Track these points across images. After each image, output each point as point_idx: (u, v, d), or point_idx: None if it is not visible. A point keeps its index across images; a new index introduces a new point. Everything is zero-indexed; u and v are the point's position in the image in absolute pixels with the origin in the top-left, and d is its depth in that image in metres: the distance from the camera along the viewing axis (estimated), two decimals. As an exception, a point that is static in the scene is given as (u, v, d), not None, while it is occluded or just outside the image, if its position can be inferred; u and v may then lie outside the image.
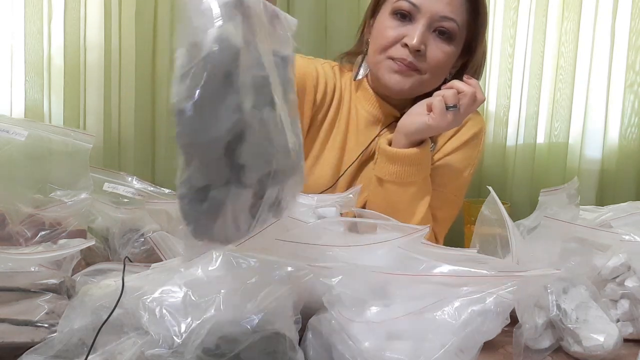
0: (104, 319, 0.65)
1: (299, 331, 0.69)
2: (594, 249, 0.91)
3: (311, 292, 0.70)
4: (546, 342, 0.83)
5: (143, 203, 1.01)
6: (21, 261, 0.82)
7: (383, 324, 0.67)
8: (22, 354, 0.65)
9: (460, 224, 1.34)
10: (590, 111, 1.78)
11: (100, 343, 0.64)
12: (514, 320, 0.76)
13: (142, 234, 1.01)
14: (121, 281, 0.69)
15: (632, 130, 1.79)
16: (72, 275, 0.87)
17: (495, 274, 0.73)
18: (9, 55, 1.60)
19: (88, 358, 0.63)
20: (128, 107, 1.68)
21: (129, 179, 1.09)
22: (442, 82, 1.22)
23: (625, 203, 1.07)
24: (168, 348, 0.62)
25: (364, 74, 1.27)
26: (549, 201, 1.00)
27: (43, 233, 0.98)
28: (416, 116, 1.13)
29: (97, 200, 1.02)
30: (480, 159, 1.32)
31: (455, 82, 1.11)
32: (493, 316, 0.67)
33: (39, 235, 0.97)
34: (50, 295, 0.74)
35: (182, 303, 0.65)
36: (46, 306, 0.72)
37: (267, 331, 0.64)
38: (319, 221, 0.93)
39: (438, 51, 1.16)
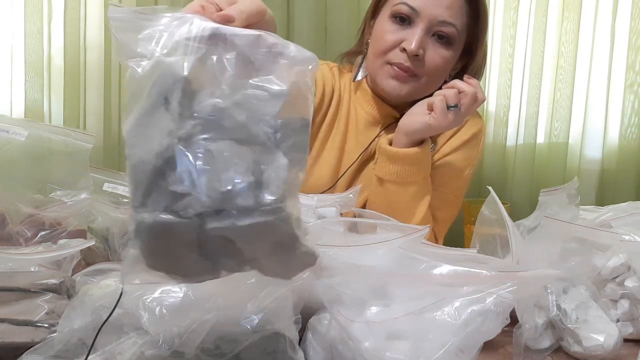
0: (104, 319, 0.65)
1: (299, 331, 0.69)
2: (594, 249, 0.91)
3: (311, 292, 0.70)
4: (546, 342, 0.83)
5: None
6: (21, 261, 0.82)
7: (383, 324, 0.67)
8: (22, 354, 0.65)
9: (460, 224, 1.34)
10: (590, 111, 1.78)
11: (100, 343, 0.64)
12: (514, 320, 0.76)
13: (142, 234, 1.00)
14: (121, 281, 0.69)
15: (632, 130, 1.79)
16: (72, 275, 0.87)
17: (495, 274, 0.74)
18: (9, 55, 1.60)
19: (88, 358, 0.63)
20: (128, 107, 1.68)
21: (129, 179, 1.08)
22: (442, 84, 1.22)
23: (625, 203, 1.07)
24: (168, 348, 0.62)
25: (363, 76, 1.27)
26: (549, 201, 1.00)
27: (43, 233, 0.98)
28: (417, 116, 1.13)
29: (97, 200, 1.02)
30: (479, 159, 1.32)
31: (456, 82, 1.11)
32: (493, 316, 0.67)
33: (39, 235, 0.97)
34: (50, 295, 0.74)
35: (182, 303, 0.65)
36: (46, 306, 0.72)
37: (267, 331, 0.64)
38: (319, 221, 0.93)
39: (436, 56, 1.16)
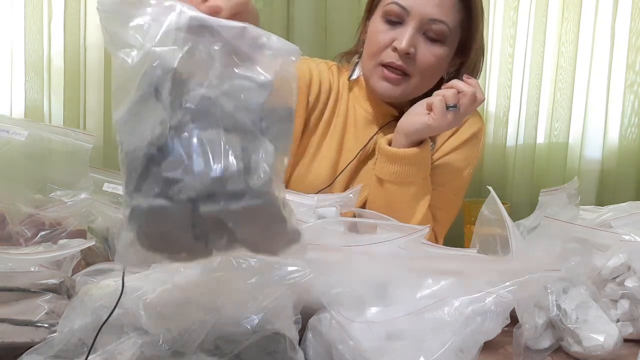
0: (104, 319, 0.65)
1: (299, 331, 0.69)
2: (594, 249, 0.91)
3: (311, 292, 0.70)
4: (546, 342, 0.83)
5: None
6: (21, 261, 0.82)
7: (383, 324, 0.67)
8: (22, 354, 0.65)
9: (460, 224, 1.34)
10: (590, 111, 1.78)
11: (100, 343, 0.64)
12: (514, 320, 0.76)
13: (142, 234, 1.00)
14: (121, 281, 0.69)
15: (632, 130, 1.79)
16: (72, 275, 0.87)
17: (494, 260, 0.74)
18: (9, 55, 1.60)
19: (88, 358, 0.63)
20: (128, 107, 1.68)
21: (129, 179, 1.08)
22: (440, 82, 1.22)
23: (625, 203, 1.07)
24: (168, 348, 0.62)
25: (358, 75, 1.27)
26: (549, 201, 1.00)
27: (43, 233, 0.97)
28: (416, 116, 1.13)
29: (97, 200, 1.02)
30: (479, 159, 1.32)
31: (455, 82, 1.11)
32: (493, 316, 0.67)
33: (39, 235, 0.97)
34: (50, 295, 0.74)
35: (182, 303, 0.65)
36: (46, 306, 0.72)
37: (267, 331, 0.64)
38: (319, 221, 0.93)
39: (428, 54, 1.16)
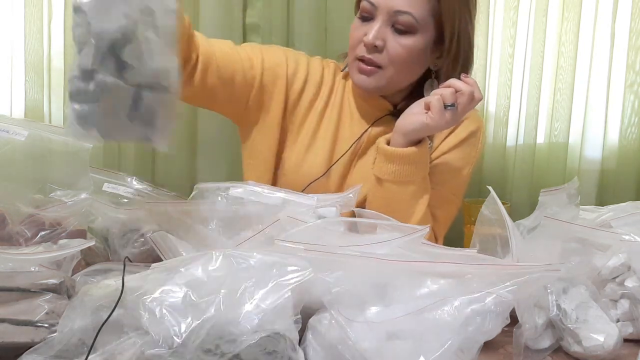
0: (104, 319, 0.65)
1: (299, 331, 0.69)
2: (594, 249, 0.91)
3: (311, 292, 0.70)
4: (546, 342, 0.83)
5: (143, 203, 1.01)
6: (21, 261, 0.82)
7: (383, 324, 0.67)
8: (22, 354, 0.65)
9: (460, 224, 1.34)
10: (590, 111, 1.78)
11: (100, 343, 0.64)
12: (514, 320, 0.76)
13: (142, 234, 1.01)
14: (121, 281, 0.69)
15: (632, 130, 1.78)
16: (72, 275, 0.88)
17: (496, 264, 0.74)
18: (9, 55, 1.60)
19: (88, 358, 0.63)
20: (128, 107, 1.68)
21: (129, 179, 1.09)
22: (428, 73, 1.24)
23: (625, 203, 1.07)
24: (168, 348, 0.62)
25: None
26: (549, 201, 1.00)
27: (43, 233, 0.98)
28: (414, 115, 1.13)
29: (97, 200, 1.02)
30: (478, 158, 1.32)
31: (453, 81, 1.11)
32: (493, 316, 0.68)
33: (39, 235, 0.97)
34: (50, 295, 0.74)
35: (182, 303, 0.65)
36: (46, 306, 0.72)
37: (267, 331, 0.64)
38: (319, 221, 0.94)
39: (397, 45, 1.18)
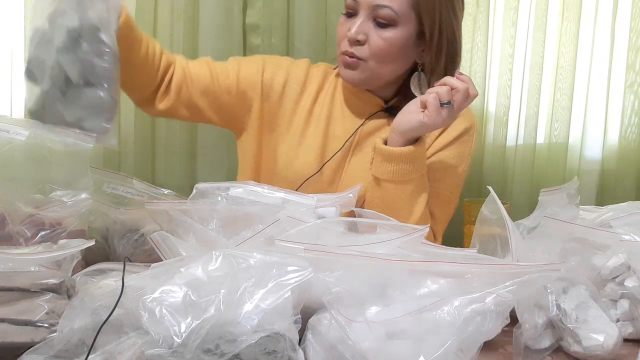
0: (104, 319, 0.65)
1: (299, 331, 0.69)
2: (594, 249, 0.91)
3: (311, 292, 0.70)
4: (546, 342, 0.83)
5: (143, 203, 1.01)
6: (21, 261, 0.82)
7: (383, 324, 0.67)
8: (22, 354, 0.65)
9: (460, 224, 1.34)
10: (590, 111, 1.78)
11: (100, 343, 0.64)
12: (514, 320, 0.76)
13: (142, 234, 1.01)
14: (121, 281, 0.69)
15: (632, 130, 1.78)
16: (72, 275, 0.88)
17: (496, 264, 0.74)
18: (9, 55, 1.60)
19: (88, 358, 0.63)
20: (128, 108, 1.67)
21: (129, 180, 1.09)
22: (414, 66, 1.25)
23: (625, 203, 1.07)
24: (168, 348, 0.62)
25: None
26: (549, 201, 1.00)
27: (43, 233, 0.98)
28: (411, 114, 1.14)
29: (97, 200, 1.02)
30: (473, 155, 1.32)
31: (447, 79, 1.12)
32: (493, 316, 0.68)
33: (39, 235, 0.97)
34: (50, 295, 0.74)
35: (182, 303, 0.65)
36: (46, 306, 0.72)
37: (267, 331, 0.64)
38: (319, 221, 0.94)
39: (377, 38, 1.20)
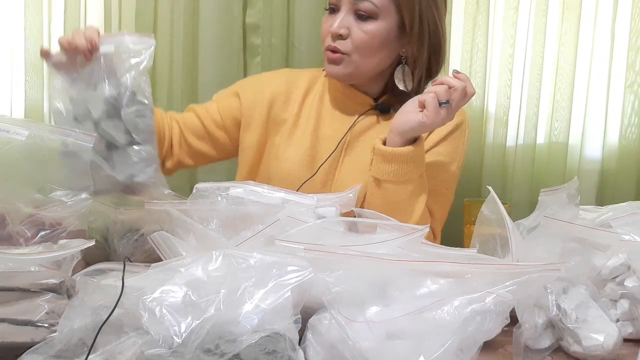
0: (104, 319, 0.65)
1: (299, 331, 0.69)
2: (594, 249, 0.91)
3: (311, 292, 0.70)
4: (546, 342, 0.83)
5: (143, 203, 1.01)
6: (21, 261, 0.81)
7: (383, 324, 0.67)
8: (22, 354, 0.65)
9: (460, 224, 1.34)
10: (590, 111, 1.78)
11: (100, 343, 0.64)
12: (514, 320, 0.76)
13: (142, 234, 1.01)
14: (121, 281, 0.69)
15: (632, 130, 1.78)
16: (72, 275, 0.88)
17: (496, 264, 0.74)
18: (9, 55, 1.60)
19: (88, 358, 0.63)
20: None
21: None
22: (398, 59, 1.26)
23: (625, 203, 1.07)
24: (168, 348, 0.62)
25: None
26: (549, 201, 1.00)
27: (43, 233, 0.97)
28: (409, 114, 1.14)
29: (97, 200, 1.02)
30: (466, 151, 1.33)
31: (445, 78, 1.12)
32: (493, 316, 0.68)
33: (39, 235, 0.97)
34: (50, 295, 0.74)
35: (182, 303, 0.65)
36: (46, 306, 0.72)
37: (267, 331, 0.64)
38: (319, 221, 0.94)
39: (359, 31, 1.21)
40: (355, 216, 1.05)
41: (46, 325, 0.70)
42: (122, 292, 0.67)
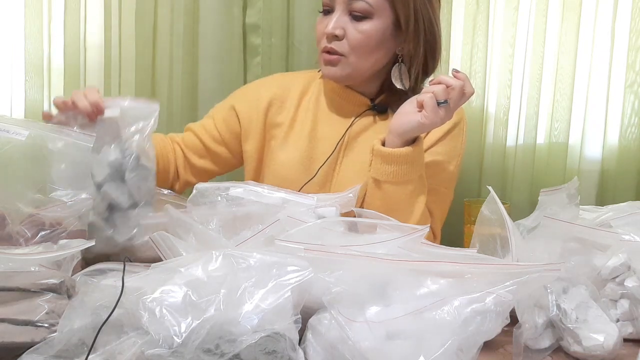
0: (104, 319, 0.65)
1: (299, 331, 0.69)
2: (594, 249, 0.91)
3: (311, 292, 0.70)
4: (546, 342, 0.83)
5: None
6: (21, 261, 0.82)
7: (383, 324, 0.67)
8: (22, 354, 0.65)
9: (460, 224, 1.34)
10: (590, 111, 1.78)
11: (100, 343, 0.64)
12: (514, 320, 0.76)
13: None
14: (121, 281, 0.69)
15: (632, 130, 1.78)
16: (72, 275, 0.88)
17: (496, 264, 0.74)
18: (9, 55, 1.60)
19: (88, 358, 0.63)
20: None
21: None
22: (394, 58, 1.26)
23: (625, 203, 1.07)
24: (168, 348, 0.62)
25: None
26: (549, 201, 1.00)
27: (43, 233, 0.97)
28: (408, 115, 1.14)
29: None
30: (464, 150, 1.33)
31: (443, 77, 1.12)
32: (493, 316, 0.68)
33: (39, 235, 0.97)
34: (50, 295, 0.74)
35: (182, 303, 0.65)
36: (46, 306, 0.72)
37: (267, 331, 0.64)
38: (319, 221, 0.94)
39: (355, 32, 1.21)
40: (355, 216, 1.05)
41: (46, 325, 0.70)
42: (122, 292, 0.67)
